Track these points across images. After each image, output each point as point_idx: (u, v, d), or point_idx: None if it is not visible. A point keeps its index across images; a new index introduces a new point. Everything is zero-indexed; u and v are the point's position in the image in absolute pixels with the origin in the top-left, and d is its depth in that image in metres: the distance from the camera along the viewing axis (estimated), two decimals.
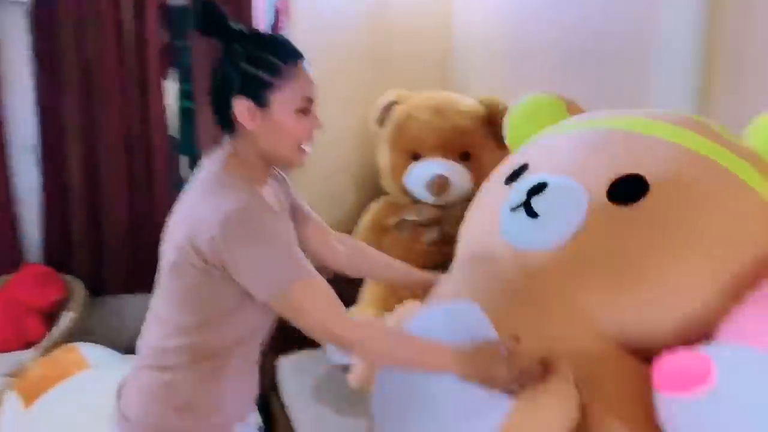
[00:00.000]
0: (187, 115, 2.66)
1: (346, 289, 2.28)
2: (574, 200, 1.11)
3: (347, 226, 2.43)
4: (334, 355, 2.00)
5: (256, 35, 1.04)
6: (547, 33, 2.19)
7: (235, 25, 1.01)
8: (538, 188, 1.15)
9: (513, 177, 1.28)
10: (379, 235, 2.35)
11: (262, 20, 2.44)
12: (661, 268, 1.01)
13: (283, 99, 0.99)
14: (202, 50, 2.39)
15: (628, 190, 1.07)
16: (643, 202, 1.05)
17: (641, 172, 1.08)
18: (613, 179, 1.09)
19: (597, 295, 1.04)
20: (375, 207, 2.39)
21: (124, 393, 1.14)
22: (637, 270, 1.02)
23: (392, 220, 2.31)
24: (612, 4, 1.89)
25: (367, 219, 2.39)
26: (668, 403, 0.84)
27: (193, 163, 2.70)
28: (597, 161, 1.15)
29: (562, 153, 1.23)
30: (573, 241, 1.07)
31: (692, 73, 1.49)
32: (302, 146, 1.04)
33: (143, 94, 2.43)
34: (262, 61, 0.98)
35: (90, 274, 2.45)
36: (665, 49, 1.57)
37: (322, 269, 1.06)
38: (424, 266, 2.23)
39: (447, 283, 1.28)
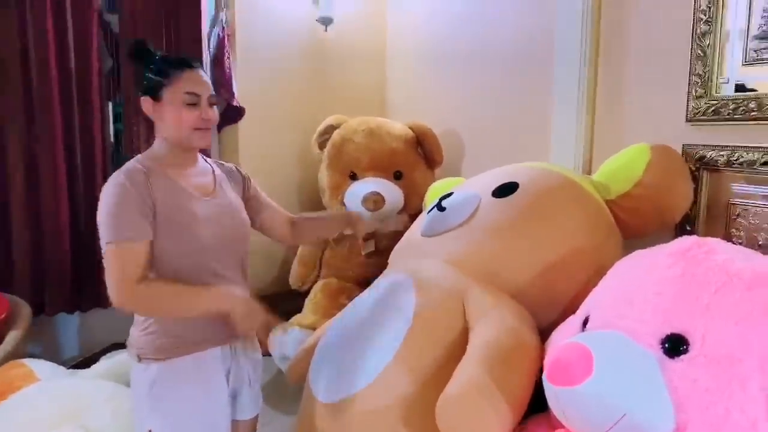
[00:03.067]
0: (117, 137, 2.77)
1: (292, 300, 2.46)
2: (470, 199, 1.60)
3: None
4: (275, 353, 2.14)
5: (162, 56, 1.35)
6: (467, 63, 2.47)
7: (153, 50, 1.34)
8: (448, 195, 1.68)
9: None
10: (320, 248, 2.53)
11: (204, 51, 2.58)
12: (515, 230, 1.46)
13: (171, 94, 1.29)
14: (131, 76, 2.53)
15: (505, 190, 1.57)
16: (514, 195, 1.54)
17: (515, 180, 1.58)
18: (496, 186, 1.59)
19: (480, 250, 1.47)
20: None
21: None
22: (505, 232, 1.47)
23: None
24: (517, 42, 2.18)
25: None
26: (555, 392, 0.97)
27: None
28: (488, 180, 1.69)
29: (467, 184, 1.80)
30: (467, 221, 1.54)
31: (582, 84, 1.88)
32: (195, 130, 1.31)
33: (85, 117, 2.52)
34: (159, 70, 1.31)
35: (32, 294, 2.48)
36: (562, 62, 1.95)
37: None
38: (361, 275, 2.44)
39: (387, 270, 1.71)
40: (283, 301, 2.55)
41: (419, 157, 2.50)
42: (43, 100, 2.40)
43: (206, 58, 2.59)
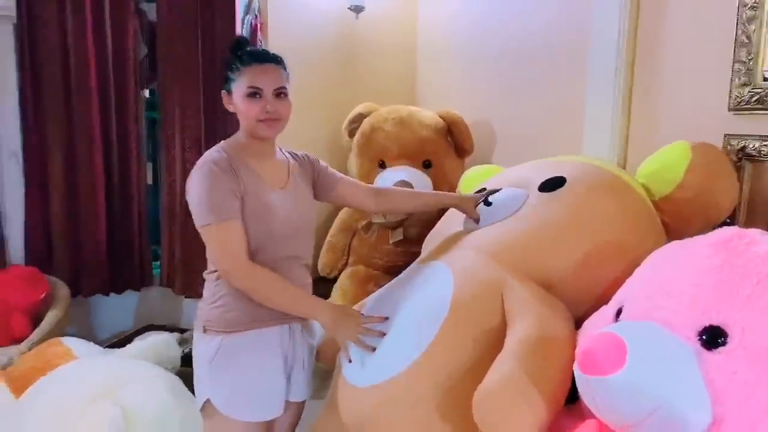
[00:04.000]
0: (152, 124, 2.82)
1: (320, 287, 2.48)
2: (518, 196, 1.57)
3: (321, 228, 2.62)
4: None
5: (241, 51, 1.39)
6: (500, 52, 2.43)
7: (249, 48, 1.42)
8: (495, 191, 1.66)
9: None
10: (349, 236, 2.54)
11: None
12: (559, 225, 1.43)
13: (237, 88, 1.37)
14: (169, 64, 2.57)
15: (552, 185, 1.52)
16: (561, 190, 1.50)
17: (562, 174, 1.53)
18: (542, 180, 1.54)
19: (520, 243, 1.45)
20: (346, 211, 2.58)
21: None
22: (549, 226, 1.44)
23: (361, 223, 2.50)
24: (552, 31, 2.14)
25: (338, 221, 2.58)
26: (588, 381, 0.94)
27: (155, 169, 2.84)
28: (532, 172, 1.66)
29: (506, 175, 1.77)
30: (513, 216, 1.51)
31: (619, 74, 1.83)
32: (258, 120, 1.36)
33: (120, 104, 2.58)
34: (231, 65, 1.38)
35: (70, 276, 2.56)
36: (597, 52, 1.89)
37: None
38: (389, 264, 2.44)
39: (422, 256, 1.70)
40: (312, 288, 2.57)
41: (449, 146, 2.48)
42: (80, 87, 2.47)
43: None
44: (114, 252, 2.65)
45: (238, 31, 2.58)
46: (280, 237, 1.38)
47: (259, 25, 2.59)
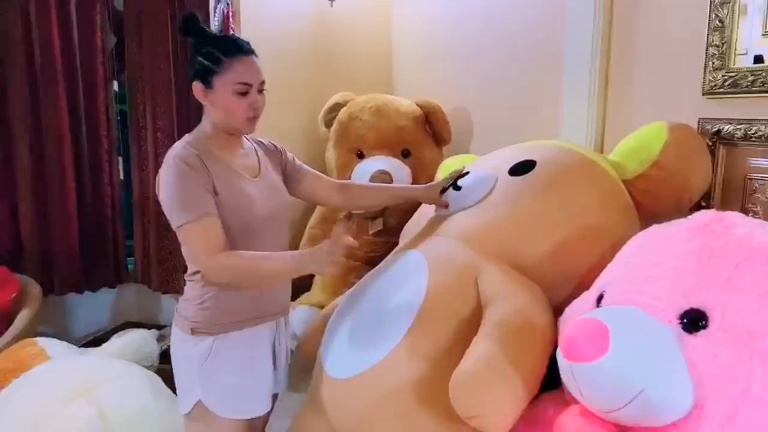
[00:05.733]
0: (122, 117, 2.74)
1: (301, 278, 2.45)
2: (486, 178, 1.56)
3: (300, 219, 2.59)
4: None
5: (213, 37, 1.35)
6: (477, 39, 2.42)
7: (207, 30, 1.35)
8: (463, 175, 1.63)
9: None
10: (329, 227, 2.51)
11: (211, 25, 2.54)
12: (530, 208, 1.43)
13: (223, 83, 1.29)
14: (142, 55, 2.49)
15: (522, 168, 1.52)
16: (531, 173, 1.50)
17: (532, 158, 1.54)
18: (513, 164, 1.55)
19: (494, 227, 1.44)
20: None
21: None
22: (520, 210, 1.44)
23: (340, 213, 2.47)
24: (528, 19, 2.14)
25: (317, 212, 2.56)
26: (571, 368, 0.94)
27: (126, 164, 2.76)
28: (504, 157, 1.64)
29: (481, 162, 1.75)
30: (483, 199, 1.51)
31: (595, 60, 1.83)
32: (247, 118, 1.32)
33: (89, 97, 2.50)
34: (211, 56, 1.29)
35: (41, 274, 2.49)
36: (574, 38, 1.89)
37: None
38: (370, 255, 2.42)
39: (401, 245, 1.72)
40: (293, 281, 2.55)
41: (427, 134, 2.47)
42: (46, 78, 2.39)
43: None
44: (87, 249, 2.58)
45: (211, 20, 2.52)
46: (259, 228, 1.36)
47: (231, 14, 2.53)
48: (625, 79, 1.80)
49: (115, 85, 2.73)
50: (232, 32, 2.52)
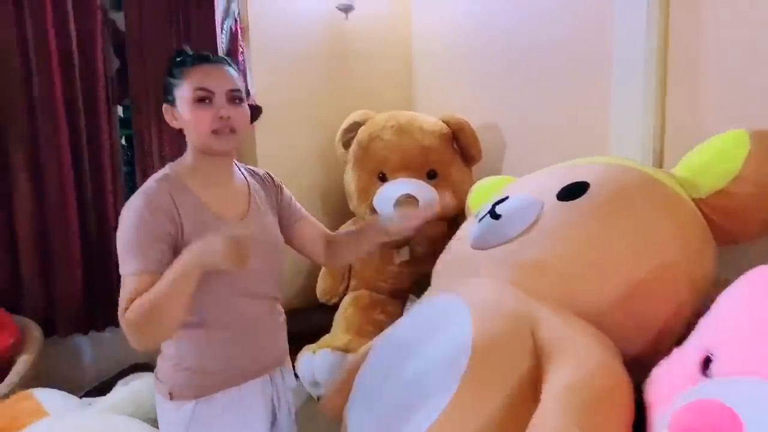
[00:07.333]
0: (130, 143, 2.59)
1: (321, 314, 2.26)
2: (530, 204, 1.35)
3: None
4: (304, 378, 1.96)
5: (178, 52, 1.21)
6: (507, 45, 2.22)
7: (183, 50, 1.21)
8: (502, 200, 1.42)
9: None
10: None
11: (218, 43, 2.39)
12: (590, 241, 1.21)
13: (180, 94, 1.15)
14: (142, 78, 2.35)
15: (573, 192, 1.31)
16: (584, 197, 1.28)
17: (584, 179, 1.33)
18: (561, 186, 1.34)
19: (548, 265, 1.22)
20: (345, 227, 2.35)
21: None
22: (577, 243, 1.22)
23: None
24: (567, 17, 1.92)
25: None
26: None
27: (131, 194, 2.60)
28: (549, 179, 1.43)
29: (521, 184, 1.54)
30: (528, 230, 1.30)
31: (650, 58, 1.59)
32: (212, 131, 1.14)
33: (91, 124, 2.34)
34: (171, 70, 1.18)
35: (43, 315, 2.32)
36: (623, 31, 1.66)
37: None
38: (395, 287, 2.22)
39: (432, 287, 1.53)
40: (311, 316, 2.35)
41: (455, 153, 2.26)
42: (46, 106, 2.24)
43: (219, 54, 2.40)
44: (92, 287, 2.41)
45: (218, 37, 2.37)
46: (239, 275, 1.16)
47: (239, 30, 2.38)
48: (687, 79, 1.55)
49: (120, 110, 2.58)
50: (240, 50, 2.36)
